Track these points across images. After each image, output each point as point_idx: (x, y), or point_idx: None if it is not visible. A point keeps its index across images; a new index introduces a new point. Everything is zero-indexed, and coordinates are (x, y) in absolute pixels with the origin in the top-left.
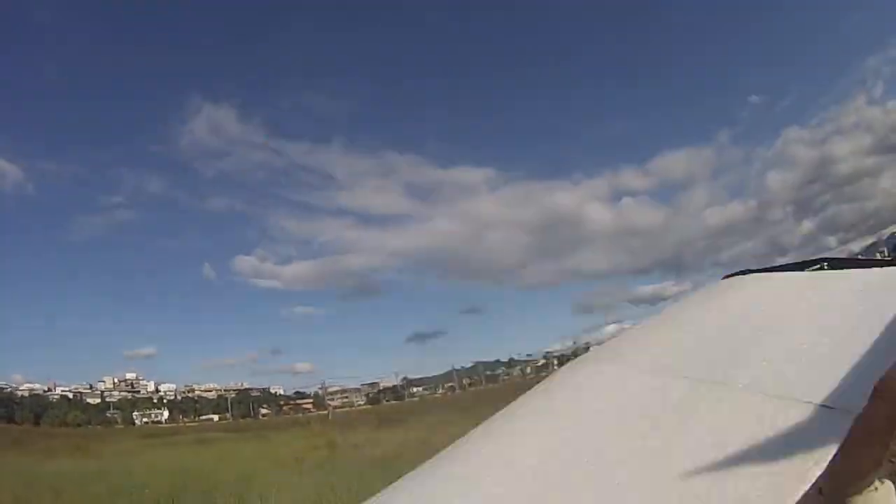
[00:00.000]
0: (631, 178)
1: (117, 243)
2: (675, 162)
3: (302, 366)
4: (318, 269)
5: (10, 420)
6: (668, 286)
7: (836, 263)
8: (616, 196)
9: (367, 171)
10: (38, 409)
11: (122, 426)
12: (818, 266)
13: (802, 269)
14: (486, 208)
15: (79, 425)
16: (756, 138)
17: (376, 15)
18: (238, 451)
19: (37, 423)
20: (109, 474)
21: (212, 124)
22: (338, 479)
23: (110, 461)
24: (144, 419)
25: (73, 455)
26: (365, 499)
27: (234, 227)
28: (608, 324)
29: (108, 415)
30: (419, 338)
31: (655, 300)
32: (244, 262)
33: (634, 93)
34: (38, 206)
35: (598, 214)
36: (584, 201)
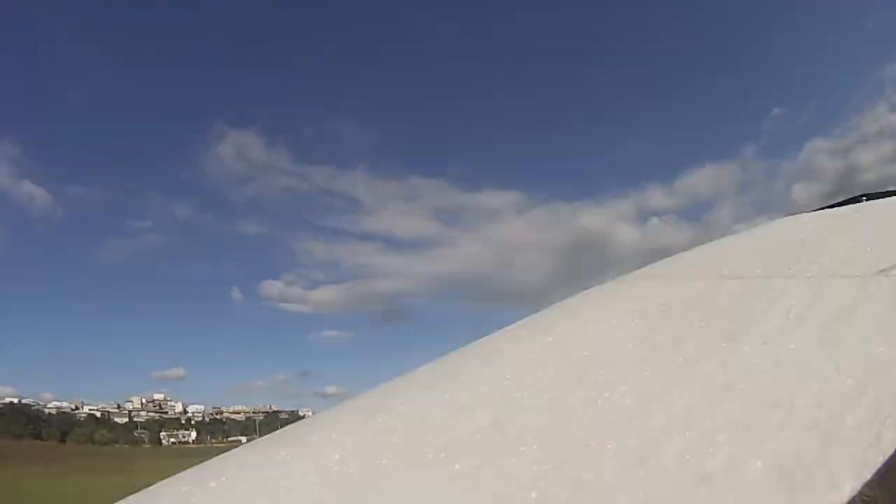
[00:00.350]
0: (658, 197)
1: (146, 266)
2: (700, 179)
3: (331, 388)
4: (346, 294)
5: (38, 437)
6: None
7: (874, 195)
8: (643, 216)
9: (392, 196)
10: (64, 427)
11: (148, 445)
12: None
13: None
14: (513, 231)
15: (105, 444)
16: (780, 151)
17: (399, 40)
18: None
19: (63, 441)
20: (131, 491)
21: (238, 150)
22: None
23: (134, 478)
24: (171, 439)
25: (97, 472)
26: None
27: (261, 252)
28: None
29: (136, 434)
30: None
31: None
32: (272, 287)
33: (657, 111)
34: (67, 229)
35: (626, 235)
36: (612, 222)
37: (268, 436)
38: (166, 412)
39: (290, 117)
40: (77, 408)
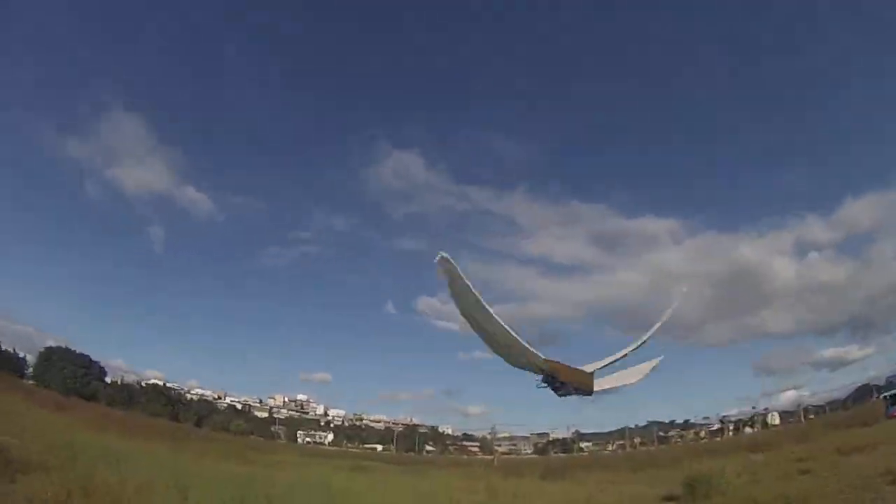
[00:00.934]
0: (817, 228)
1: (303, 275)
2: (861, 209)
3: (474, 409)
4: (500, 316)
5: (174, 418)
6: (853, 349)
7: None
8: (801, 249)
9: (550, 219)
10: (203, 413)
11: (283, 441)
12: None
13: None
14: (668, 260)
15: (240, 433)
16: None
17: (564, 59)
18: (392, 483)
19: (198, 425)
20: (253, 482)
21: (399, 169)
22: None
23: (254, 468)
24: (308, 439)
25: (225, 459)
26: None
27: (418, 268)
28: (787, 389)
29: (273, 429)
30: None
31: (836, 365)
32: (427, 303)
33: (815, 134)
34: (227, 234)
35: (783, 269)
36: (768, 255)
37: None
38: (307, 412)
39: (450, 137)
40: (219, 397)
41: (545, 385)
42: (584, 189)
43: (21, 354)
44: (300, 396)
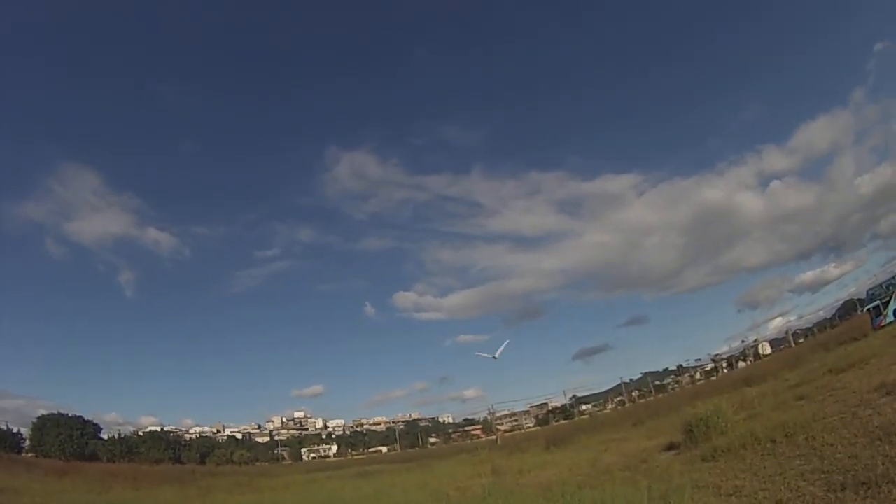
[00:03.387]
0: (775, 158)
1: (277, 292)
2: (814, 133)
3: (470, 392)
4: (479, 297)
5: (177, 461)
6: (830, 269)
7: None
8: (763, 181)
9: (512, 194)
10: (204, 450)
11: (288, 462)
12: None
13: None
14: (635, 214)
15: (244, 463)
16: (890, 89)
17: (497, 40)
18: (397, 483)
19: (202, 463)
20: None
21: (353, 170)
22: None
23: (265, 496)
24: (312, 454)
25: (231, 491)
26: None
27: (389, 266)
28: (774, 318)
29: (276, 452)
30: (585, 354)
31: (817, 286)
32: (405, 298)
33: (759, 69)
34: (196, 267)
35: (749, 204)
36: (733, 192)
37: None
38: (307, 429)
39: (398, 131)
40: (218, 431)
41: None
42: (540, 159)
43: (15, 429)
44: (297, 414)
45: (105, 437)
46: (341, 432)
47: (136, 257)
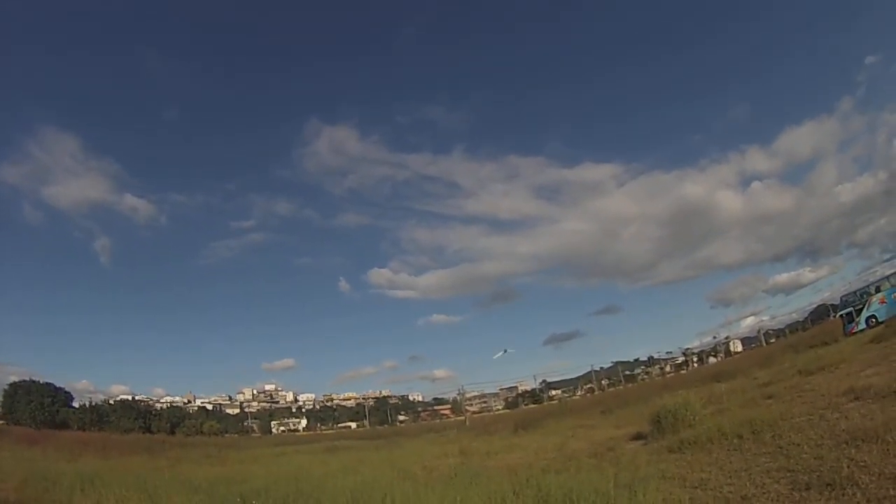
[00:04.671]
0: (757, 159)
1: (252, 264)
2: (799, 138)
3: (440, 372)
4: (453, 278)
5: (147, 430)
6: (805, 273)
7: None
8: (744, 181)
9: (491, 177)
10: (174, 420)
11: (258, 434)
12: None
13: None
14: (614, 205)
15: (214, 434)
16: (879, 102)
17: (486, 24)
18: (364, 459)
19: (172, 433)
20: (226, 481)
21: (333, 145)
22: (463, 489)
23: (232, 468)
24: (281, 428)
25: (199, 462)
26: None
27: (365, 242)
28: (746, 316)
29: (246, 424)
30: (556, 340)
31: (791, 289)
32: (379, 275)
33: (749, 70)
34: (172, 235)
35: (729, 202)
36: (713, 189)
37: None
38: (277, 402)
39: (381, 109)
40: (189, 402)
41: None
42: (521, 143)
43: None
44: (268, 387)
45: (76, 405)
46: (311, 407)
47: (113, 224)
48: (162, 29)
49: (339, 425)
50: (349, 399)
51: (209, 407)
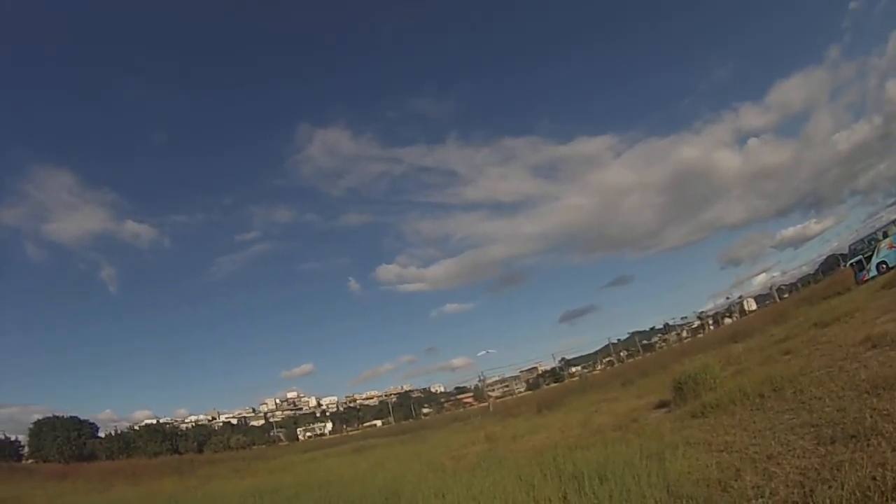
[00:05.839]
0: (751, 116)
1: (259, 275)
2: (790, 90)
3: (459, 361)
4: (460, 265)
5: (175, 451)
6: (811, 225)
7: None
8: (740, 139)
9: (487, 161)
10: (201, 438)
11: (285, 443)
12: None
13: None
14: (612, 176)
15: (242, 447)
16: (866, 47)
17: (461, 10)
18: (392, 455)
19: (200, 451)
20: (257, 492)
21: (326, 147)
22: (493, 476)
23: (262, 479)
24: (307, 433)
25: (229, 477)
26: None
27: (370, 240)
28: (757, 274)
29: (272, 434)
30: (571, 316)
31: (799, 242)
32: (387, 271)
33: (730, 27)
34: (177, 256)
35: (727, 161)
36: (710, 150)
37: None
38: (301, 408)
39: (370, 107)
40: (213, 418)
41: None
42: (511, 125)
43: (12, 437)
44: (290, 394)
45: (102, 435)
46: (335, 409)
47: (117, 252)
48: (140, 54)
49: (365, 425)
50: (372, 397)
51: (234, 421)
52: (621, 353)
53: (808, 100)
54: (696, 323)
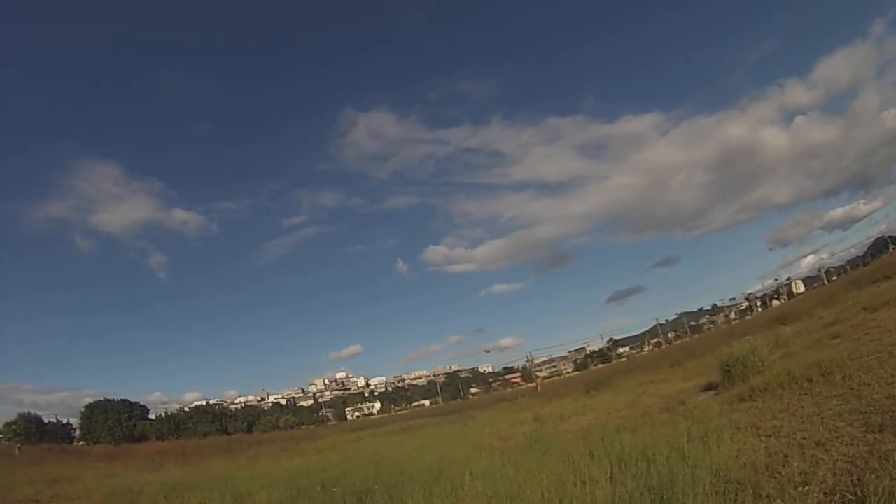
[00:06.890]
0: (797, 92)
1: (307, 258)
2: (836, 66)
3: (507, 341)
4: (508, 246)
5: (224, 432)
6: (860, 205)
7: None
8: (787, 116)
9: (532, 141)
10: (250, 419)
11: (333, 423)
12: None
13: None
14: (659, 154)
15: (290, 428)
16: None
17: None
18: (440, 435)
19: (249, 432)
20: (305, 472)
21: (371, 131)
22: (539, 456)
23: (310, 459)
24: (356, 413)
25: (278, 456)
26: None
27: (416, 222)
28: (805, 256)
29: (320, 414)
30: (619, 297)
31: (847, 223)
32: (435, 252)
33: (778, 2)
34: (226, 241)
35: (773, 139)
36: (756, 127)
37: None
38: (349, 388)
39: (413, 89)
40: (262, 399)
41: None
42: (556, 104)
43: (64, 420)
44: (339, 375)
45: (153, 416)
46: (383, 389)
47: (165, 239)
48: (183, 45)
49: (413, 404)
50: (420, 378)
51: (283, 402)
52: (669, 334)
53: (855, 76)
54: (744, 304)
